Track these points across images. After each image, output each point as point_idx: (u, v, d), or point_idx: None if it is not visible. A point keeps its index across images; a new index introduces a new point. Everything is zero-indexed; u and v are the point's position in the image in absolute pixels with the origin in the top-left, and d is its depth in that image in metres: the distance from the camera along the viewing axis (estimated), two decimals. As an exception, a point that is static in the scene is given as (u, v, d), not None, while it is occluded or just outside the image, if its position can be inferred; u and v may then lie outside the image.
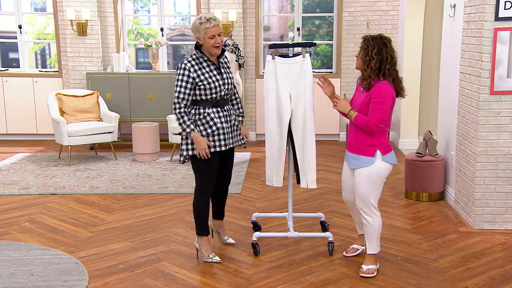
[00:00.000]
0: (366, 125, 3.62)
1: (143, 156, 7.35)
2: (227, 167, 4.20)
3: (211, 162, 3.93)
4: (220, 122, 3.93)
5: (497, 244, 4.40)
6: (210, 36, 3.81)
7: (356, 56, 3.79)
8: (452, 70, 5.39)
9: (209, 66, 3.92)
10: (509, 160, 4.62)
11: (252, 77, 8.69)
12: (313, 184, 4.13)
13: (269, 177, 4.27)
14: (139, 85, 8.11)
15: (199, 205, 4.04)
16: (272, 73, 4.13)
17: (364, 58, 3.67)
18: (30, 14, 9.19)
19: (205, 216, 4.07)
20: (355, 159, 3.76)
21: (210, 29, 3.79)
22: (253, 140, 8.77)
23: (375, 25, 8.43)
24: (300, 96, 4.07)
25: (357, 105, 3.76)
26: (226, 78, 3.98)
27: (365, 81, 3.67)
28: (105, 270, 3.96)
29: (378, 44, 3.65)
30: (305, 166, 4.12)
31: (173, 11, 9.49)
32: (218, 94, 3.92)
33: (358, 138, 3.73)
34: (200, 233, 4.10)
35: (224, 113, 3.98)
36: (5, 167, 7.01)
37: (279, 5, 9.58)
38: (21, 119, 8.79)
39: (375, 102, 3.60)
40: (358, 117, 3.66)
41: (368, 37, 3.71)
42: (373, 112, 3.61)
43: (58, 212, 5.26)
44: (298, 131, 4.10)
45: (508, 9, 4.37)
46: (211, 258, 4.07)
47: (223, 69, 4.00)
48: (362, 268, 3.85)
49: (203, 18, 3.82)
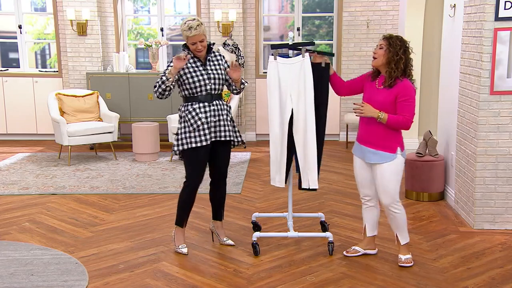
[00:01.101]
0: (402, 123, 3.72)
1: (143, 156, 7.35)
2: (219, 162, 4.25)
3: (197, 157, 4.08)
4: (205, 117, 4.05)
5: (497, 244, 4.40)
6: (191, 43, 4.01)
7: (376, 53, 3.80)
8: (452, 70, 5.39)
9: (195, 62, 4.09)
10: (509, 160, 4.62)
11: (252, 77, 8.69)
12: (315, 184, 4.13)
13: (273, 177, 4.26)
14: (139, 85, 8.11)
15: (181, 196, 4.22)
16: (275, 73, 4.13)
17: (391, 58, 3.72)
18: (30, 14, 9.19)
19: (185, 209, 4.23)
20: (374, 154, 3.82)
21: (190, 37, 3.98)
22: (253, 140, 8.77)
23: (375, 25, 8.44)
24: (300, 96, 4.07)
25: (376, 103, 3.78)
26: (212, 73, 4.09)
27: (391, 79, 3.74)
28: (105, 270, 3.96)
29: (404, 45, 3.75)
30: (307, 166, 4.12)
31: (173, 11, 9.49)
32: (203, 88, 4.06)
33: (381, 134, 3.78)
34: (176, 223, 4.28)
35: (211, 107, 4.09)
36: (5, 167, 7.01)
37: (279, 5, 9.58)
38: (21, 119, 8.79)
39: (405, 100, 3.72)
40: (391, 117, 3.72)
41: (394, 37, 3.78)
42: (406, 109, 3.72)
43: (58, 212, 5.26)
44: (299, 131, 4.09)
45: (508, 9, 4.37)
46: (180, 249, 4.23)
47: (209, 66, 4.11)
48: (401, 258, 3.98)
49: (186, 26, 3.98)
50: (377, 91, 3.83)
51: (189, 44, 4.03)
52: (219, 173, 4.29)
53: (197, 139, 4.05)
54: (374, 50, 3.84)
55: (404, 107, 3.72)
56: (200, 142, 4.05)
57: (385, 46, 3.76)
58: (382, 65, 3.80)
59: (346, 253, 4.18)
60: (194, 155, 4.08)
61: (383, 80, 3.82)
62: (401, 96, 3.72)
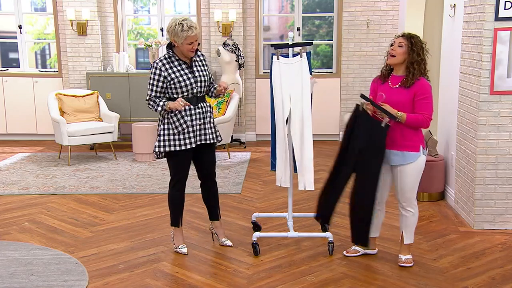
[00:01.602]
0: (422, 121, 3.69)
1: (143, 156, 7.35)
2: (204, 163, 4.25)
3: (182, 159, 4.10)
4: (190, 120, 4.04)
5: (497, 244, 4.40)
6: (189, 43, 3.95)
7: (394, 51, 3.72)
8: (452, 70, 5.39)
9: (181, 65, 4.05)
10: (509, 160, 4.62)
11: (252, 77, 8.69)
12: (311, 186, 4.11)
13: (279, 177, 4.26)
14: (139, 85, 8.10)
15: (170, 196, 4.24)
16: (278, 73, 4.13)
17: (412, 57, 3.68)
18: (30, 14, 9.19)
19: (176, 209, 4.25)
20: (398, 155, 3.78)
21: (190, 37, 3.93)
22: (253, 140, 8.77)
23: (375, 25, 8.43)
24: (297, 97, 4.06)
25: (393, 103, 3.72)
26: (198, 76, 4.07)
27: (410, 79, 3.69)
28: (105, 270, 3.96)
29: (423, 45, 3.74)
30: (303, 167, 4.11)
31: (173, 11, 9.49)
32: (189, 91, 4.04)
33: (403, 135, 3.74)
34: (172, 224, 4.30)
35: (197, 110, 4.08)
36: (5, 167, 7.01)
37: (279, 5, 9.58)
38: (21, 119, 8.78)
39: (424, 98, 3.69)
40: (410, 116, 3.69)
41: (416, 37, 3.74)
42: (425, 107, 3.69)
43: (58, 212, 5.26)
44: (296, 132, 4.09)
45: (508, 9, 4.37)
46: (180, 249, 4.24)
47: (195, 68, 4.09)
48: (401, 258, 3.98)
49: (185, 26, 3.91)
50: (392, 90, 3.76)
51: (185, 44, 3.93)
52: (207, 174, 4.31)
53: (181, 142, 4.04)
54: (392, 48, 3.75)
55: (423, 105, 3.69)
56: (185, 145, 4.05)
57: (406, 45, 3.70)
58: (399, 63, 3.75)
59: (346, 253, 4.18)
60: (179, 157, 4.08)
61: (397, 79, 3.77)
62: (419, 94, 3.68)
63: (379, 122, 3.67)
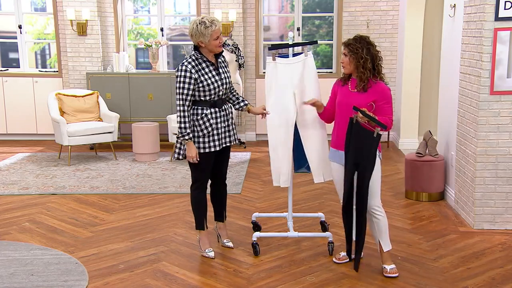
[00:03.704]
0: (391, 124, 3.74)
1: (143, 156, 7.35)
2: (222, 165, 4.25)
3: (206, 161, 4.04)
4: (216, 123, 4.01)
5: (497, 244, 4.40)
6: (215, 38, 3.89)
7: (343, 62, 3.79)
8: (452, 70, 5.39)
9: (208, 66, 3.98)
10: (509, 160, 4.62)
11: (252, 77, 8.69)
12: (330, 176, 4.18)
13: (276, 178, 4.26)
14: (139, 85, 8.11)
15: (194, 199, 4.19)
16: (273, 74, 4.14)
17: (357, 62, 3.71)
18: (30, 14, 9.19)
19: (201, 212, 4.20)
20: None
21: (216, 30, 3.88)
22: (253, 140, 8.77)
23: (375, 25, 8.43)
24: (305, 93, 4.09)
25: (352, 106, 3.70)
26: (224, 78, 4.06)
27: (363, 82, 3.72)
28: (105, 270, 3.96)
29: (364, 44, 3.73)
30: (321, 161, 4.20)
31: (173, 11, 9.49)
32: (216, 94, 3.99)
33: None
34: (196, 227, 4.25)
35: (222, 113, 4.06)
36: (5, 167, 7.01)
37: (279, 5, 9.58)
38: (21, 119, 8.78)
39: (386, 103, 3.74)
40: (388, 121, 3.70)
41: (351, 41, 3.77)
42: (389, 111, 3.75)
43: (58, 212, 5.26)
44: (308, 128, 4.13)
45: (508, 9, 4.37)
46: (206, 253, 4.18)
47: (221, 69, 4.06)
48: (386, 268, 3.85)
49: (208, 22, 3.85)
50: (351, 94, 3.79)
51: (211, 40, 3.85)
52: (221, 176, 4.29)
53: (208, 144, 4.00)
54: (341, 59, 3.83)
55: (386, 109, 3.73)
56: (214, 147, 4.01)
57: (348, 53, 3.74)
58: (352, 71, 3.79)
59: (336, 259, 4.07)
60: (203, 160, 4.01)
61: (355, 83, 3.79)
62: (381, 99, 3.71)
63: (371, 132, 3.66)
